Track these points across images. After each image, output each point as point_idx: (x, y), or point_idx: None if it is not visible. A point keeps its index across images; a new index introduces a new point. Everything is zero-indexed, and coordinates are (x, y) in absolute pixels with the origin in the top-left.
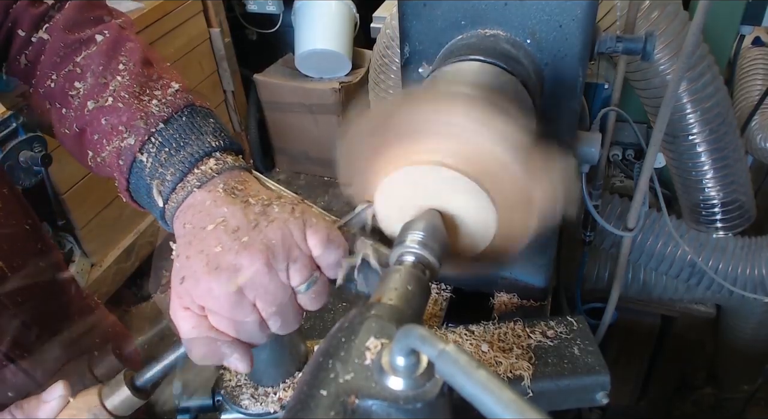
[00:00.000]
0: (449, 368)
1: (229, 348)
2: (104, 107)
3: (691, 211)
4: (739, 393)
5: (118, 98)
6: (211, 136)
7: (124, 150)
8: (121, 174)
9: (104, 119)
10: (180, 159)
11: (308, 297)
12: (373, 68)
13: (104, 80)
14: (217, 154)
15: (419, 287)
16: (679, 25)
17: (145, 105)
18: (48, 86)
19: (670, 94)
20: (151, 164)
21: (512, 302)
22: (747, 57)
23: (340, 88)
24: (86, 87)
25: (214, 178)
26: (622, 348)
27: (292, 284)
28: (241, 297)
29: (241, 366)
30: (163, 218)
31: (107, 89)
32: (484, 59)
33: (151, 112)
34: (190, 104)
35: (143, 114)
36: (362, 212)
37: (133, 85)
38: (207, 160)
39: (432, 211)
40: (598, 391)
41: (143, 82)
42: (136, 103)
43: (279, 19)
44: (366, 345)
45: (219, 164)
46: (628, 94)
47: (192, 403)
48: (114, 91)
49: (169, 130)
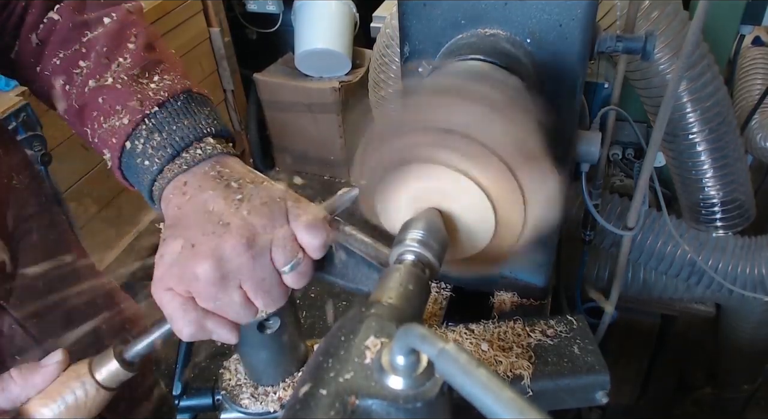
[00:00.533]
0: (449, 367)
1: (214, 324)
2: (103, 87)
3: (690, 210)
4: (739, 393)
5: (118, 79)
6: (203, 122)
7: (118, 129)
8: (113, 152)
9: (102, 98)
10: (170, 141)
11: (292, 277)
12: (373, 68)
13: (107, 61)
14: (208, 139)
15: (419, 286)
16: (679, 24)
17: (142, 88)
18: (54, 63)
19: (670, 94)
20: (143, 145)
21: (512, 301)
22: (747, 56)
23: (340, 87)
24: (89, 66)
25: (202, 162)
26: (622, 347)
27: (276, 266)
28: (226, 281)
29: (229, 337)
30: (152, 198)
31: (108, 70)
32: (484, 58)
33: (148, 94)
34: (187, 90)
35: (140, 96)
36: (344, 196)
37: (134, 68)
38: (197, 144)
39: (432, 210)
40: (597, 390)
41: (144, 66)
42: (134, 85)
43: (279, 18)
44: (366, 344)
45: (208, 149)
46: (628, 93)
47: (192, 402)
48: (114, 72)
49: (164, 113)
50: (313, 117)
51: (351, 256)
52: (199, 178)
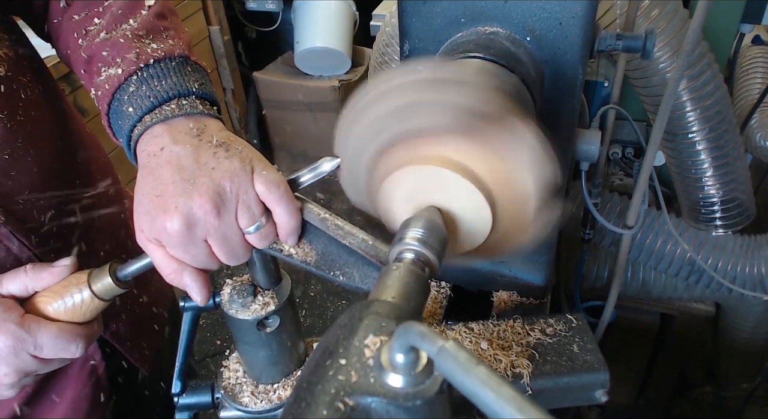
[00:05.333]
0: (449, 365)
1: (189, 278)
2: (109, 40)
3: (690, 209)
4: (739, 392)
5: (123, 36)
6: (191, 82)
7: (112, 77)
8: (104, 98)
9: (106, 50)
10: (155, 93)
11: (256, 238)
12: (372, 66)
13: (118, 20)
14: (192, 98)
15: (419, 285)
16: (678, 23)
17: (143, 45)
18: (74, 19)
19: (669, 92)
20: (131, 94)
21: (512, 299)
22: (747, 55)
23: (339, 86)
24: (102, 23)
25: (181, 116)
26: (622, 346)
27: (240, 226)
28: (193, 235)
29: (197, 297)
30: (129, 146)
31: (118, 28)
32: (484, 57)
33: (146, 51)
34: (184, 56)
35: (138, 51)
36: (320, 165)
37: (141, 29)
38: (180, 100)
39: (431, 208)
40: (597, 389)
41: (150, 29)
42: (137, 42)
43: (278, 17)
44: (365, 342)
45: (190, 107)
46: (628, 92)
47: (191, 401)
48: (122, 30)
49: (156, 69)
50: (313, 116)
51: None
52: (175, 131)
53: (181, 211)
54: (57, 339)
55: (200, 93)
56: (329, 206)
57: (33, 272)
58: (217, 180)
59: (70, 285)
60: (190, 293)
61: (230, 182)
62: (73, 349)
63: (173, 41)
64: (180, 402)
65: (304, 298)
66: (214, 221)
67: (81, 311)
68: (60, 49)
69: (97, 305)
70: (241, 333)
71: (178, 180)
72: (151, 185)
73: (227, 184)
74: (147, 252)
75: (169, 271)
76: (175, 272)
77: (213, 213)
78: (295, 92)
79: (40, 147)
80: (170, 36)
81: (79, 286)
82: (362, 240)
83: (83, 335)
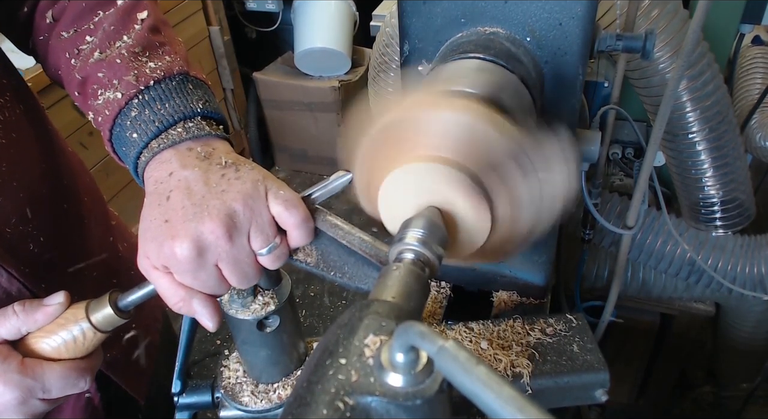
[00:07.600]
0: (448, 364)
1: (199, 305)
2: (104, 61)
3: (690, 209)
4: (738, 391)
5: (119, 55)
6: (195, 102)
7: (112, 102)
8: (105, 124)
9: (101, 72)
10: (159, 117)
11: (268, 259)
12: (372, 66)
13: (112, 38)
14: (197, 119)
15: (419, 285)
16: (678, 23)
17: (141, 64)
18: (63, 37)
19: (669, 93)
20: (133, 118)
21: (512, 299)
22: (747, 56)
23: (339, 86)
24: (95, 42)
25: (188, 140)
26: (622, 346)
27: (253, 248)
28: (203, 260)
29: (208, 324)
30: (137, 172)
31: (112, 46)
32: (484, 57)
33: (145, 71)
34: (184, 72)
35: (136, 72)
36: (334, 181)
37: (136, 46)
38: (186, 123)
39: (431, 208)
40: (597, 389)
41: (146, 45)
42: (134, 61)
43: (278, 17)
44: (365, 341)
45: (197, 129)
46: (628, 92)
47: (191, 400)
48: (117, 48)
49: (157, 90)
50: (313, 116)
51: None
52: (183, 155)
53: (191, 236)
54: (64, 379)
55: (205, 112)
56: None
57: (24, 314)
58: (228, 203)
59: (67, 322)
60: (201, 321)
61: (243, 204)
62: (81, 385)
63: (170, 57)
64: (180, 402)
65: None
66: (225, 246)
67: (84, 347)
68: (49, 68)
69: (98, 338)
70: (241, 333)
71: (188, 205)
72: (159, 211)
73: (239, 206)
74: (151, 280)
75: (177, 299)
76: (182, 299)
77: (225, 237)
78: (295, 92)
79: (26, 171)
80: (166, 52)
81: (77, 321)
82: (362, 240)
83: (88, 369)
